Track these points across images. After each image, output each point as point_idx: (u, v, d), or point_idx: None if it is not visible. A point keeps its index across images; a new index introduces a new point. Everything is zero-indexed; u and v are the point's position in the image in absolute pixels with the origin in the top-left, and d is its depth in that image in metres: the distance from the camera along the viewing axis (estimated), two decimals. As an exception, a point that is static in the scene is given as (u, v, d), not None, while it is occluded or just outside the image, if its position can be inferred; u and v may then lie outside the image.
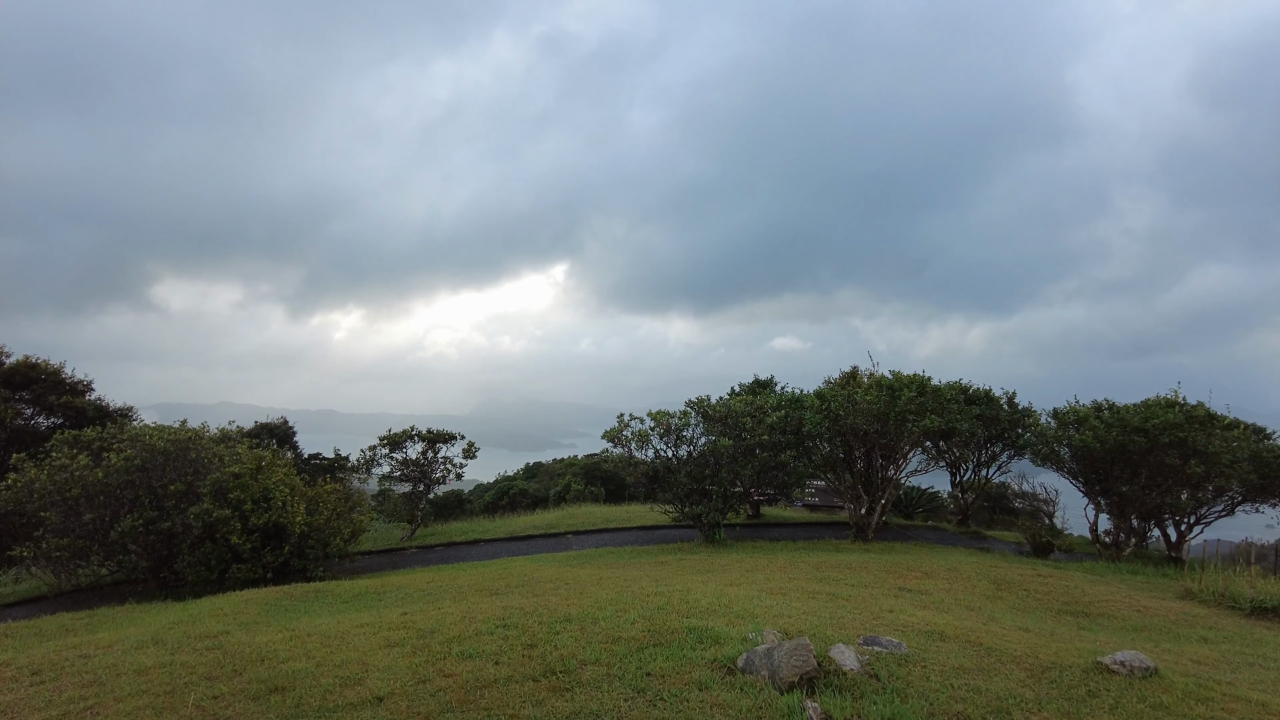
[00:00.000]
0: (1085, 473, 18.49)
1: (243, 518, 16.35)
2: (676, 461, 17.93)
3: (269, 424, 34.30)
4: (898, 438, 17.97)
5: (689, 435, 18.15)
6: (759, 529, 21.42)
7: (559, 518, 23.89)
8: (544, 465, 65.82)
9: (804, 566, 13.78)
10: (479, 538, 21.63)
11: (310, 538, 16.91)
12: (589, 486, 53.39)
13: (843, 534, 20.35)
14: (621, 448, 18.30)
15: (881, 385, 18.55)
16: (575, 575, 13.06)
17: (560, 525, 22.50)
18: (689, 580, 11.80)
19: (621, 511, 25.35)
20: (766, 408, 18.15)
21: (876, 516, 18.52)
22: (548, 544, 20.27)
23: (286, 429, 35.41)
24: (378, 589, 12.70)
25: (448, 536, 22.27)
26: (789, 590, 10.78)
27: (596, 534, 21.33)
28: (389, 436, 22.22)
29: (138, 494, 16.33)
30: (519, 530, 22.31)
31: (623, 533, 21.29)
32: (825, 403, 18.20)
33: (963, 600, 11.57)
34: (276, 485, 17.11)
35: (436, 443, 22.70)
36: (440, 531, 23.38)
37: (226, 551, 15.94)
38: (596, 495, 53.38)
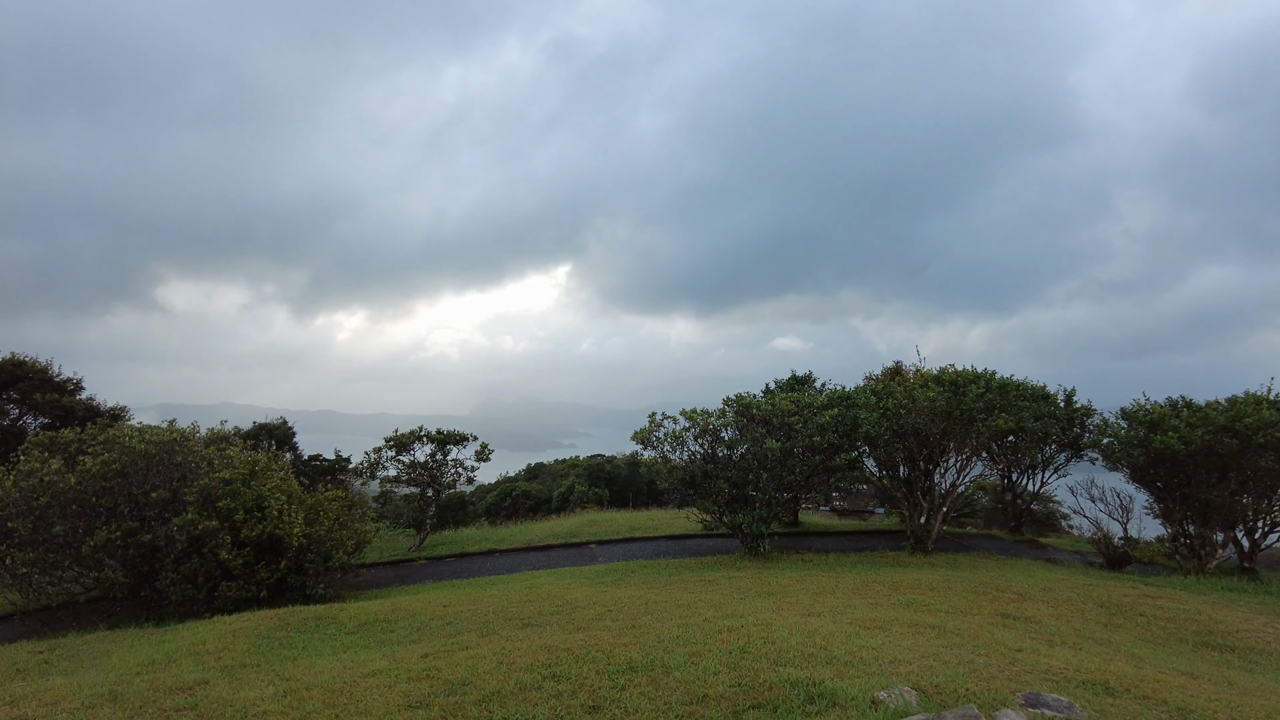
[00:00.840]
0: (1164, 477, 16.69)
1: (233, 529, 14.58)
2: (715, 465, 16.14)
3: (268, 424, 32.92)
4: (963, 438, 16.22)
5: (727, 436, 16.37)
6: (799, 538, 19.64)
7: (579, 525, 22.11)
8: (545, 466, 64.30)
9: (879, 588, 12.00)
10: (494, 547, 19.85)
11: (309, 550, 15.14)
12: (593, 488, 51.37)
13: (894, 543, 18.59)
14: (653, 450, 16.52)
15: (942, 381, 16.79)
16: (615, 598, 11.30)
17: (581, 534, 20.72)
18: (755, 607, 10.03)
19: (644, 518, 23.57)
20: (815, 406, 16.36)
21: (938, 525, 16.75)
22: (570, 555, 18.50)
23: (286, 429, 34.08)
24: (388, 614, 10.93)
25: (459, 546, 20.50)
26: (884, 623, 9.00)
27: (622, 544, 19.56)
28: (395, 438, 20.44)
29: (116, 502, 14.55)
30: (537, 539, 20.54)
31: (650, 542, 19.51)
32: (880, 400, 16.43)
33: (1079, 629, 9.80)
34: (272, 492, 15.35)
35: (446, 444, 20.93)
36: (451, 540, 21.61)
37: (215, 567, 14.16)
38: (600, 497, 51.53)
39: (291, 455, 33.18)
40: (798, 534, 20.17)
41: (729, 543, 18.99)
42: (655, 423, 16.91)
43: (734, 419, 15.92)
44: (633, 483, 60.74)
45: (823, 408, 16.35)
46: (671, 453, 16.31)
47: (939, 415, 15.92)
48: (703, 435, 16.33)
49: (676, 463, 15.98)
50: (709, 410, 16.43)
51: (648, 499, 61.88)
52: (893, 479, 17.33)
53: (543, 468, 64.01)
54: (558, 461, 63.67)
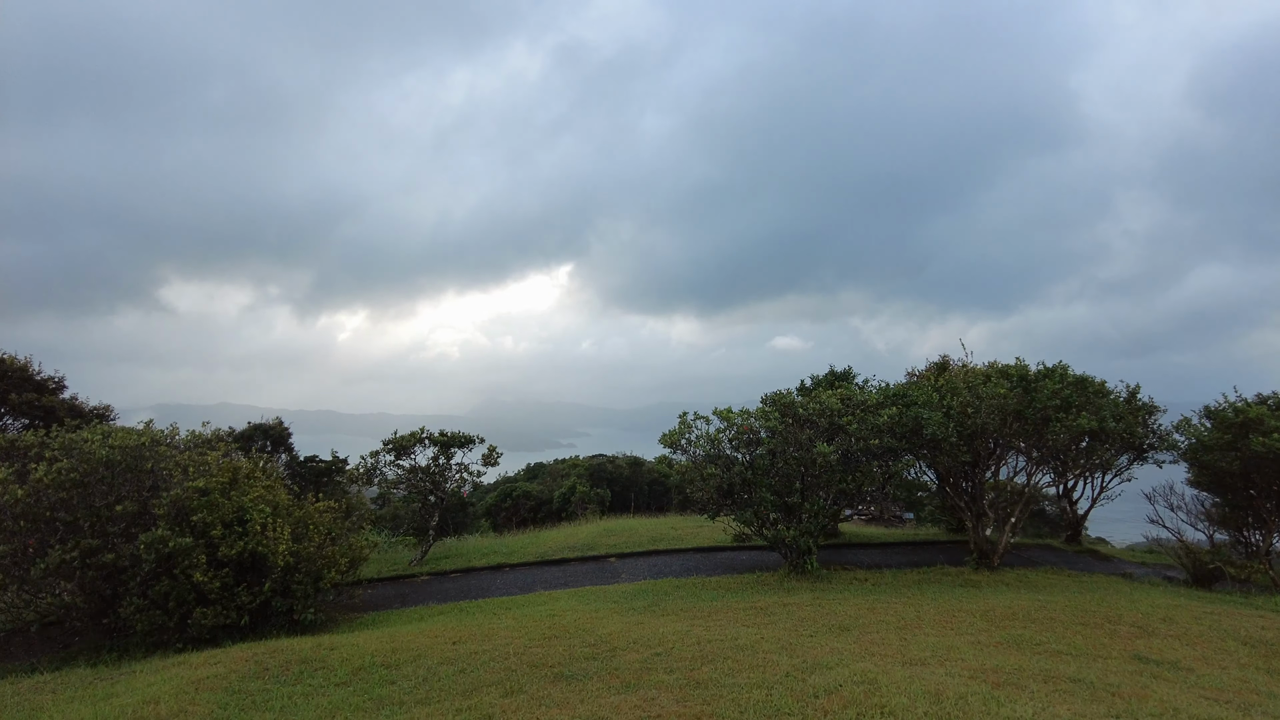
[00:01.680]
0: (1262, 484, 14.86)
1: (210, 547, 12.70)
2: (755, 472, 14.26)
3: (263, 425, 31.51)
4: (1038, 440, 14.38)
5: (766, 439, 14.50)
6: (840, 550, 17.78)
7: (594, 536, 20.23)
8: (546, 466, 62.52)
9: (969, 619, 10.14)
10: (503, 561, 17.96)
11: (297, 570, 13.26)
12: (594, 489, 49.37)
13: (949, 556, 16.73)
14: (684, 454, 14.64)
15: (1009, 375, 14.94)
16: (657, 633, 9.44)
17: (598, 545, 18.84)
18: (836, 651, 8.17)
19: (665, 528, 21.69)
20: (869, 404, 14.47)
21: (1005, 538, 14.90)
22: (589, 571, 16.62)
23: (281, 430, 32.63)
24: (388, 654, 9.06)
25: (465, 559, 18.61)
26: (1012, 674, 7.13)
27: (645, 557, 17.67)
28: (395, 440, 18.53)
29: (75, 517, 12.66)
30: (550, 552, 18.66)
31: (677, 556, 17.63)
32: (943, 398, 14.58)
33: (1241, 680, 7.94)
34: (254, 504, 13.48)
35: (450, 447, 19.05)
36: (455, 552, 19.72)
37: (188, 590, 12.27)
38: (602, 498, 49.53)
39: (287, 457, 31.82)
40: (837, 545, 18.31)
41: (765, 557, 17.13)
42: (686, 424, 15.05)
43: (777, 420, 14.04)
44: (635, 483, 58.83)
45: (877, 406, 14.47)
46: (705, 457, 14.43)
47: (1009, 415, 14.08)
48: (739, 438, 14.46)
49: (712, 469, 14.08)
50: (748, 410, 14.56)
51: (649, 501, 60.05)
52: (955, 486, 15.47)
53: (543, 468, 62.25)
54: (558, 461, 62.00)
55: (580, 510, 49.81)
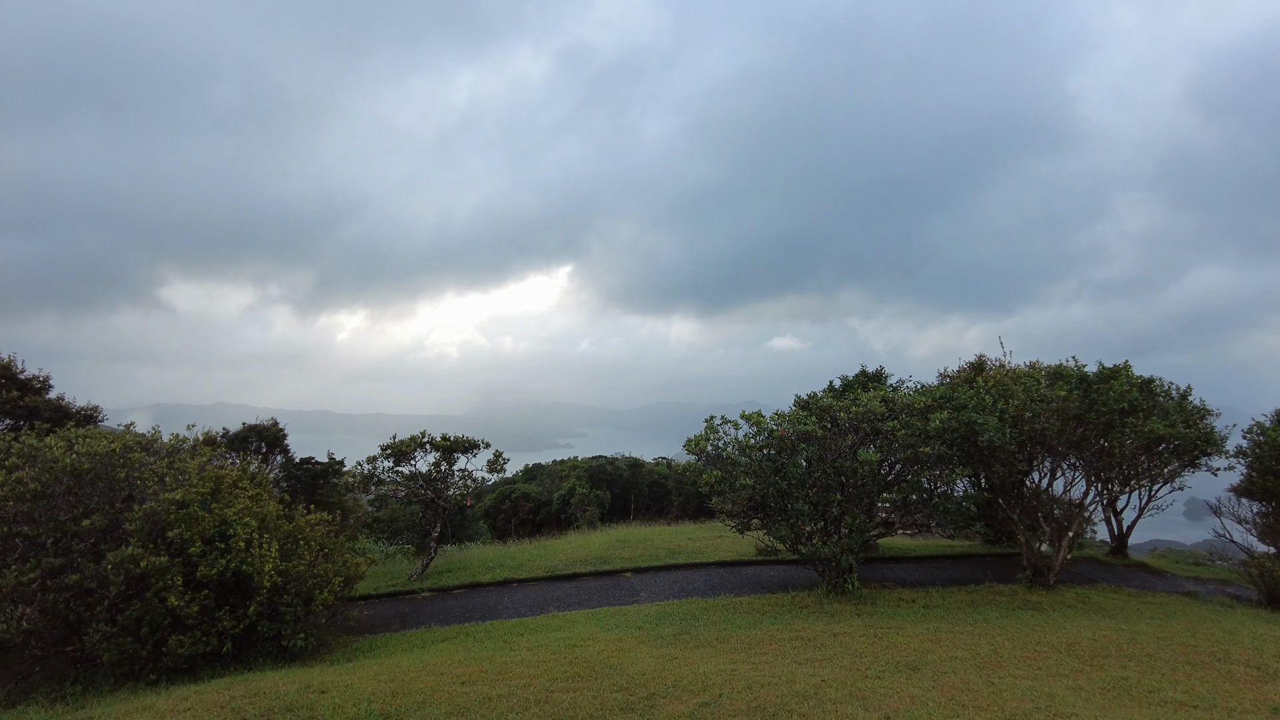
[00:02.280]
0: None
1: (188, 565, 11.38)
2: (791, 482, 12.95)
3: (257, 425, 30.30)
4: (1100, 447, 13.10)
5: (804, 446, 13.19)
6: (876, 566, 16.44)
7: (607, 547, 18.89)
8: (544, 467, 61.42)
9: (1050, 653, 8.85)
10: (510, 576, 16.63)
11: (286, 591, 11.93)
12: (594, 490, 48.10)
13: (995, 571, 15.45)
14: (702, 458, 13.31)
15: (1064, 376, 13.65)
16: (697, 674, 8.13)
17: (612, 559, 17.51)
18: (915, 695, 6.88)
19: (681, 537, 20.39)
20: (915, 408, 13.16)
21: (1062, 555, 13.61)
22: (604, 589, 15.31)
23: (276, 431, 31.47)
24: (386, 699, 7.74)
25: (469, 573, 17.28)
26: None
27: (665, 572, 16.35)
28: (394, 445, 17.18)
29: (38, 532, 11.35)
30: (560, 565, 17.32)
31: (698, 571, 16.31)
32: (997, 402, 13.26)
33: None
34: (239, 517, 12.16)
35: (453, 452, 17.72)
36: (458, 565, 18.38)
37: (163, 615, 10.94)
38: (602, 500, 48.23)
39: (283, 458, 30.77)
40: (870, 560, 16.99)
41: (794, 572, 15.83)
42: (713, 428, 13.75)
43: (815, 425, 12.71)
44: (635, 485, 57.57)
45: (925, 410, 13.16)
46: (736, 465, 13.11)
47: (1070, 419, 12.81)
48: (771, 444, 13.14)
49: (747, 480, 12.75)
50: (781, 413, 13.25)
51: (649, 503, 58.76)
52: (1007, 498, 14.18)
53: (541, 469, 61.18)
54: (556, 462, 60.91)
55: (580, 512, 48.72)
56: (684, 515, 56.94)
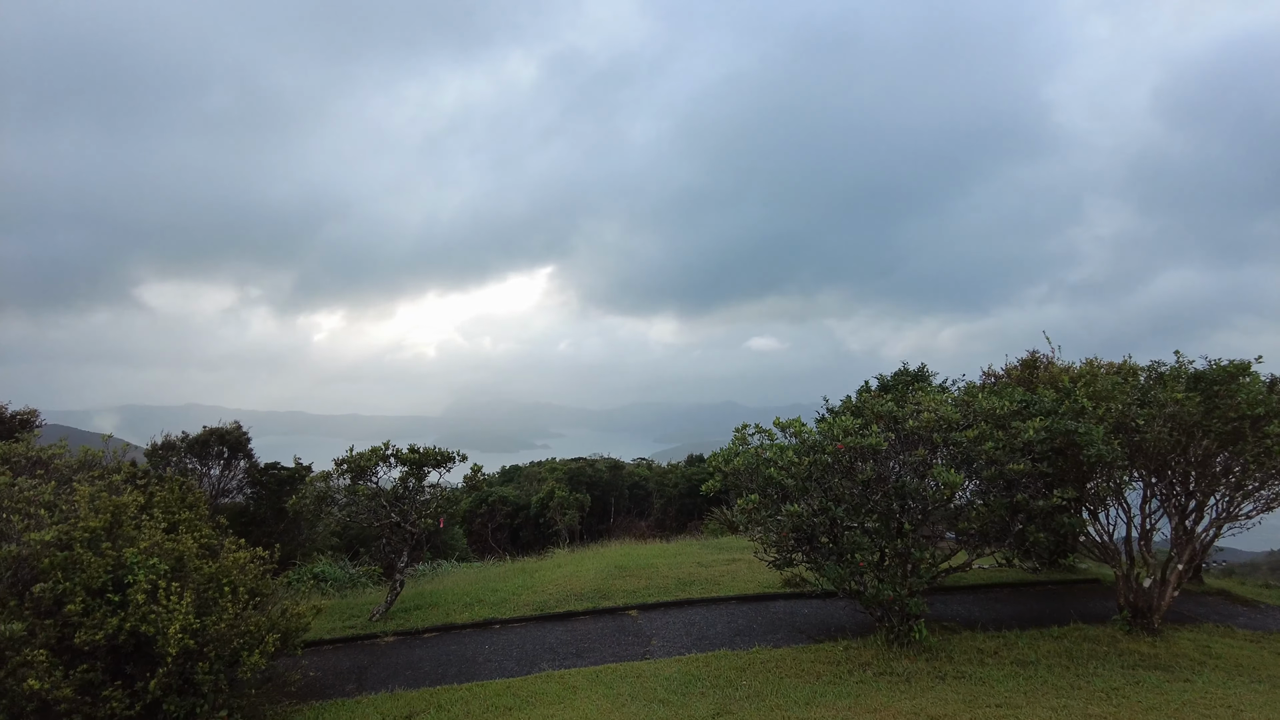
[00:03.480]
0: None
1: (64, 628, 8.59)
2: (845, 509, 10.34)
3: (219, 429, 27.71)
4: (1227, 460, 10.66)
5: (861, 464, 10.62)
6: (929, 598, 13.90)
7: (604, 574, 16.15)
8: (521, 469, 59.06)
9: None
10: (492, 616, 13.87)
11: (203, 655, 9.14)
12: (573, 493, 45.70)
13: (1073, 604, 13.00)
14: (745, 483, 10.65)
15: (1176, 376, 11.19)
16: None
17: (612, 591, 14.81)
18: None
19: (688, 560, 17.70)
20: (1000, 414, 10.59)
21: (1170, 591, 11.14)
22: (605, 632, 12.62)
23: (239, 435, 28.80)
24: None
25: (443, 610, 14.50)
26: None
27: (677, 610, 13.67)
28: (351, 460, 14.31)
29: None
30: (551, 599, 14.59)
31: (718, 608, 13.66)
32: (1098, 407, 10.72)
33: None
34: (142, 559, 9.35)
35: (423, 466, 14.95)
36: (430, 599, 15.56)
37: (23, 702, 8.13)
38: (581, 503, 45.66)
39: (246, 464, 27.87)
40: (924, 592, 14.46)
41: (832, 608, 13.25)
42: (743, 437, 11.14)
43: (878, 436, 10.11)
44: (615, 488, 55.33)
45: (1011, 416, 10.59)
46: (777, 485, 10.46)
47: (1189, 428, 10.35)
48: (822, 460, 10.52)
49: (795, 508, 10.09)
50: (833, 416, 10.60)
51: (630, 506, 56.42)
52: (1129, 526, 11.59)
53: (518, 470, 58.89)
54: (534, 464, 58.67)
55: (559, 516, 46.31)
56: (666, 519, 54.75)
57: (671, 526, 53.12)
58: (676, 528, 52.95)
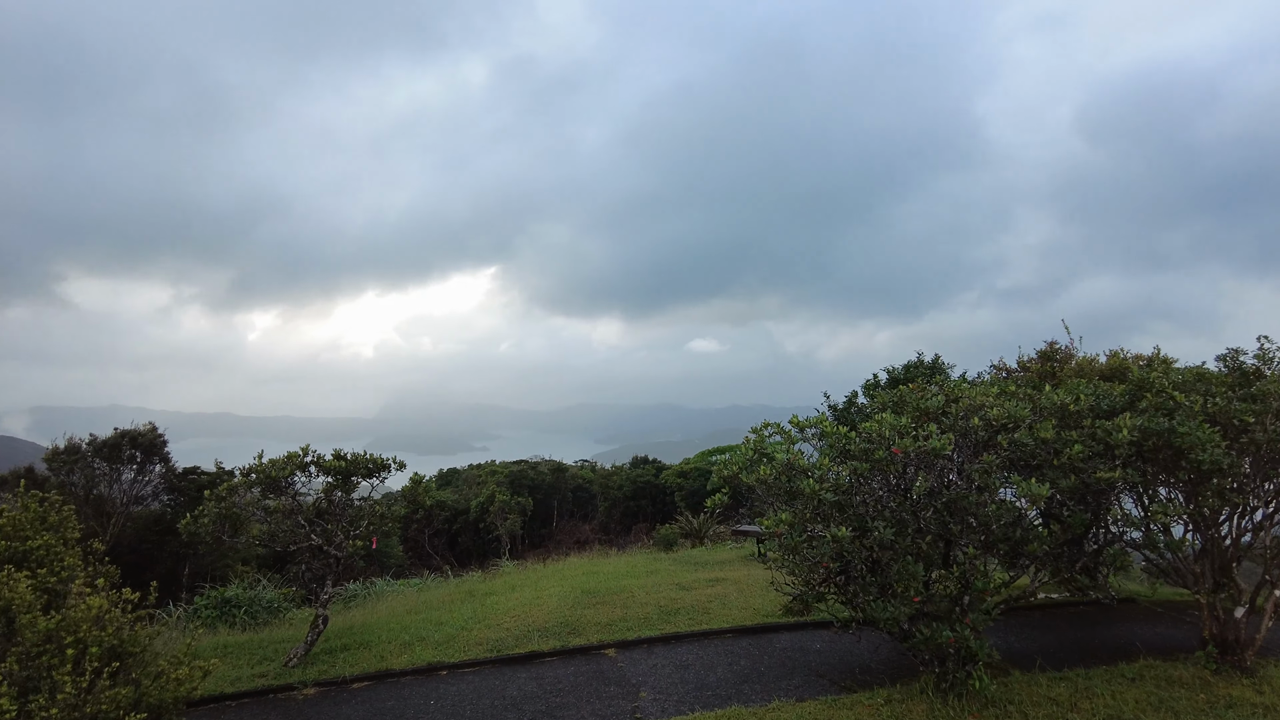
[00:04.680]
0: None
1: None
2: (893, 530, 8.13)
3: (132, 431, 24.51)
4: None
5: (918, 477, 8.45)
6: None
7: (570, 601, 13.70)
8: (460, 472, 56.55)
9: None
10: (437, 659, 11.31)
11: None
12: (515, 497, 43.76)
13: (1137, 634, 11.14)
14: (775, 498, 8.37)
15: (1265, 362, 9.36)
16: None
17: (582, 624, 12.38)
18: None
19: (664, 578, 15.36)
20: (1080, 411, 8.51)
21: (1266, 622, 9.29)
22: (580, 680, 10.21)
23: (154, 437, 25.88)
24: None
25: (377, 654, 11.85)
26: None
27: (664, 647, 11.33)
28: (260, 469, 11.53)
29: None
30: (509, 637, 12.07)
31: (712, 644, 11.37)
32: (1207, 403, 8.70)
33: None
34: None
35: (350, 476, 12.30)
36: (361, 638, 12.86)
37: None
38: (524, 507, 43.76)
39: (163, 468, 25.18)
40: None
41: (845, 641, 11.10)
42: (762, 438, 8.89)
43: (939, 439, 7.93)
44: (558, 490, 53.26)
45: (1095, 413, 8.55)
46: (817, 501, 8.18)
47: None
48: (854, 469, 8.33)
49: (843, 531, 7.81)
50: (880, 416, 8.38)
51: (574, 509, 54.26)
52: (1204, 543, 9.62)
53: (457, 474, 56.40)
54: (473, 467, 56.29)
55: (500, 520, 43.94)
56: (610, 522, 52.77)
57: (616, 530, 51.30)
58: (621, 530, 51.15)
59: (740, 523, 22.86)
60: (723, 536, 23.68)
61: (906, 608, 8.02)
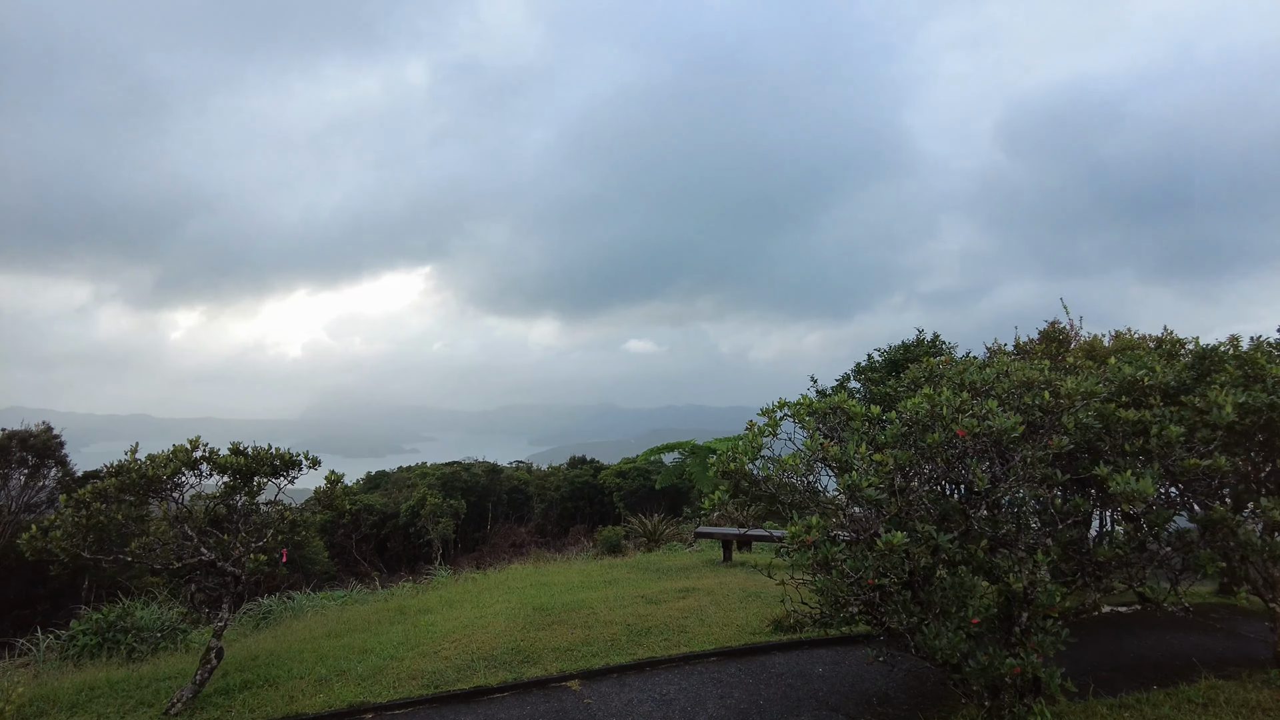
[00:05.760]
0: None
1: None
2: (953, 537, 6.39)
3: (22, 432, 22.46)
4: None
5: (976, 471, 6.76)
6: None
7: (521, 621, 11.70)
8: (389, 474, 54.33)
9: None
10: (363, 700, 9.18)
11: None
12: (447, 500, 42.49)
13: (1184, 643, 9.78)
14: (797, 496, 6.57)
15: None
16: None
17: (537, 649, 10.39)
18: None
19: (630, 595, 13.42)
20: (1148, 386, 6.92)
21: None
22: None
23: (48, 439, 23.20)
24: None
25: (285, 693, 9.62)
26: None
27: (639, 676, 9.45)
28: (135, 466, 9.25)
29: None
30: (449, 668, 9.99)
31: (694, 670, 9.55)
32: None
33: None
34: None
35: (253, 475, 10.07)
36: (267, 671, 10.58)
37: None
38: (457, 510, 42.43)
39: (59, 472, 23.16)
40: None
41: (849, 661, 9.45)
42: (774, 422, 7.10)
43: (1009, 418, 6.22)
44: (493, 492, 51.88)
45: (1169, 390, 7.01)
46: (874, 502, 6.38)
47: None
48: (897, 458, 6.61)
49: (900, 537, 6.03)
50: (926, 391, 6.63)
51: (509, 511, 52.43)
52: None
53: (385, 476, 54.16)
54: (402, 469, 54.16)
55: (431, 524, 41.60)
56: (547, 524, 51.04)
57: (554, 532, 49.76)
58: (559, 532, 49.62)
59: (700, 523, 21.22)
60: (675, 538, 21.96)
61: (965, 631, 6.33)
